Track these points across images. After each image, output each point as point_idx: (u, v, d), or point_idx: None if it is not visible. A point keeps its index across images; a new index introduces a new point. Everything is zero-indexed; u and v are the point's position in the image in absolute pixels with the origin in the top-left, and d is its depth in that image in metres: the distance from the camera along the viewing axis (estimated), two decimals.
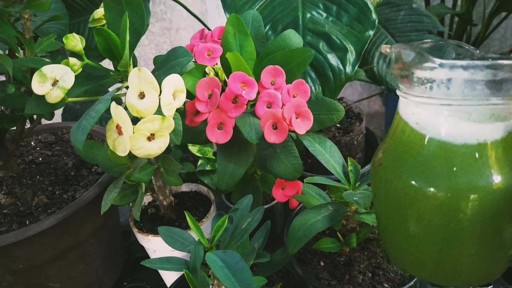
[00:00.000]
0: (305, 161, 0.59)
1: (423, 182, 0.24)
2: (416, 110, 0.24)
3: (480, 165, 0.22)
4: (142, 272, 0.55)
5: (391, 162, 0.26)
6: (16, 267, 0.40)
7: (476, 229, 0.23)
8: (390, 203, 0.27)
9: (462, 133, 0.23)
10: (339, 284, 0.38)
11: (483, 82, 0.21)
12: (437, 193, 0.23)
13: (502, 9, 0.86)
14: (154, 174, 0.41)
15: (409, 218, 0.25)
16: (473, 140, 0.23)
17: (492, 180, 0.22)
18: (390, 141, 0.27)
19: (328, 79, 0.47)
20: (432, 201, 0.23)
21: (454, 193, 0.23)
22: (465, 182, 0.22)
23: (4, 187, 0.46)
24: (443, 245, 0.24)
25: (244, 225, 0.33)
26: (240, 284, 0.26)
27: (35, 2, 0.35)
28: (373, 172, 0.28)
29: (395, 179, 0.25)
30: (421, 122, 0.24)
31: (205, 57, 0.37)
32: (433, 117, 0.23)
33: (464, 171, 0.22)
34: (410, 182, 0.24)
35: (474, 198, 0.22)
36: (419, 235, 0.25)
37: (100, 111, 0.27)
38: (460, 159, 0.23)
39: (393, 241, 0.28)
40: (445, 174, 0.23)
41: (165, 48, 1.14)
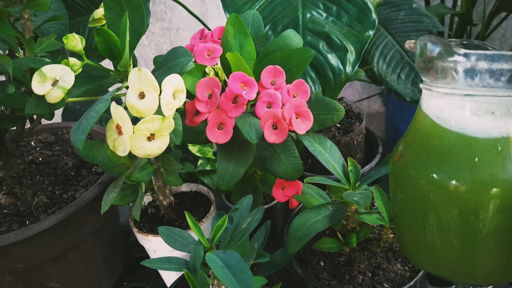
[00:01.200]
0: (305, 161, 0.59)
1: (444, 175, 0.23)
2: (439, 103, 0.24)
3: (502, 159, 0.22)
4: (142, 272, 0.55)
5: (412, 155, 0.26)
6: (16, 267, 0.40)
7: (497, 224, 0.23)
8: (410, 197, 0.26)
9: (485, 127, 0.23)
10: (339, 284, 0.38)
11: (508, 74, 0.21)
12: (458, 186, 0.23)
13: (502, 9, 0.86)
14: (154, 174, 0.41)
15: (429, 212, 0.25)
16: (496, 134, 0.22)
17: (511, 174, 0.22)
18: (411, 135, 0.27)
19: (328, 79, 0.47)
20: (453, 195, 0.23)
21: (476, 187, 0.22)
22: (487, 175, 0.22)
23: (4, 187, 0.46)
24: (463, 240, 0.24)
25: (244, 225, 0.33)
26: (240, 284, 0.26)
27: (35, 2, 0.35)
28: (392, 166, 0.28)
29: (416, 172, 0.25)
30: (443, 115, 0.24)
31: (205, 57, 0.37)
32: (456, 111, 0.23)
33: (486, 164, 0.22)
34: (431, 175, 0.24)
35: (495, 191, 0.22)
36: (439, 230, 0.25)
37: (100, 111, 0.27)
38: (482, 153, 0.23)
39: (411, 237, 0.28)
40: (466, 167, 0.23)
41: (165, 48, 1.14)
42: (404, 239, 0.29)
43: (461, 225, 0.24)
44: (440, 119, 0.24)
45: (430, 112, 0.25)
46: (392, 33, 0.67)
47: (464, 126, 0.23)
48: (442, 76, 0.23)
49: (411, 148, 0.26)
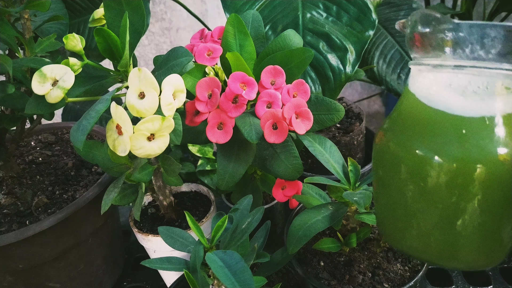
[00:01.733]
0: (305, 161, 0.59)
1: (428, 150, 0.23)
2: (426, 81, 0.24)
3: (488, 137, 0.22)
4: (142, 272, 0.55)
5: (395, 132, 0.26)
6: (16, 267, 0.40)
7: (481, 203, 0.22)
8: (392, 176, 0.26)
9: (472, 107, 0.22)
10: (339, 284, 0.38)
11: (498, 46, 0.21)
12: (442, 163, 0.22)
13: (502, 9, 0.86)
14: (154, 174, 0.41)
15: (411, 191, 0.24)
16: (483, 113, 0.22)
17: (501, 152, 0.22)
18: (396, 113, 0.26)
19: (328, 79, 0.47)
20: (436, 171, 0.23)
21: (460, 163, 0.22)
22: (471, 153, 0.22)
23: (4, 187, 0.46)
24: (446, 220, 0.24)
25: (244, 225, 0.33)
26: (240, 284, 0.26)
27: (35, 2, 0.36)
28: (375, 144, 0.28)
29: (398, 148, 0.25)
30: (429, 95, 0.24)
31: (205, 57, 0.37)
32: (443, 90, 0.23)
33: (471, 142, 0.22)
34: (415, 150, 0.24)
35: (480, 169, 0.22)
36: (421, 209, 0.24)
37: (100, 111, 0.27)
38: (467, 131, 0.22)
39: (390, 217, 0.27)
40: (451, 144, 0.22)
41: (165, 48, 1.14)
42: (384, 220, 0.29)
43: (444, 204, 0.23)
44: (426, 99, 0.24)
45: (416, 91, 0.25)
46: (392, 33, 0.67)
47: (451, 106, 0.23)
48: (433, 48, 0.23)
49: (395, 125, 0.26)
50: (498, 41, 0.21)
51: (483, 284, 0.49)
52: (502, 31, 0.21)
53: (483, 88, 0.22)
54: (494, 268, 0.51)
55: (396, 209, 0.26)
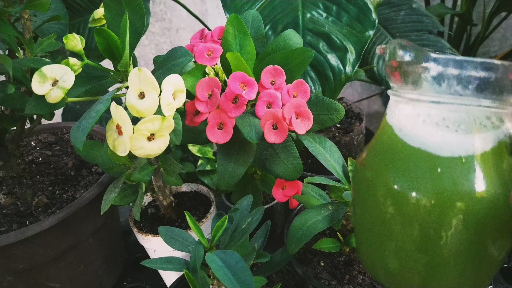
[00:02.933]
0: (305, 161, 0.59)
1: (405, 186, 0.23)
2: (403, 114, 0.24)
3: (466, 175, 0.22)
4: (142, 272, 0.55)
5: (374, 163, 0.25)
6: (16, 267, 0.40)
7: (458, 239, 0.22)
8: (371, 206, 0.25)
9: (449, 144, 0.22)
10: (339, 284, 0.38)
11: (476, 82, 0.20)
12: (419, 198, 0.22)
13: (502, 9, 0.86)
14: (154, 174, 0.41)
15: (389, 223, 0.24)
16: (461, 152, 0.22)
17: (478, 189, 0.21)
18: (375, 143, 0.26)
19: (328, 79, 0.47)
20: (414, 207, 0.22)
21: (437, 200, 0.22)
22: (449, 190, 0.22)
23: (4, 187, 0.46)
24: (424, 254, 0.23)
25: (244, 225, 0.33)
26: (240, 284, 0.26)
27: (35, 2, 0.35)
28: (355, 172, 0.27)
29: (377, 181, 0.24)
30: (406, 129, 0.23)
31: (205, 57, 0.37)
32: (419, 126, 0.23)
33: (448, 178, 0.22)
34: (392, 185, 0.23)
35: (457, 206, 0.21)
36: (399, 242, 0.24)
37: (100, 111, 0.27)
38: (445, 169, 0.22)
39: (369, 248, 0.27)
40: (428, 179, 0.22)
41: (165, 48, 1.14)
42: (363, 251, 0.28)
43: (422, 239, 0.23)
44: (402, 133, 0.24)
45: (394, 124, 0.24)
46: (392, 33, 0.67)
47: (427, 143, 0.22)
48: (410, 81, 0.22)
49: (374, 157, 0.26)
50: (475, 76, 0.20)
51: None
52: (480, 67, 0.20)
53: (460, 124, 0.22)
54: None
55: (374, 240, 0.26)
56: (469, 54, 0.98)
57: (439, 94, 0.21)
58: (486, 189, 0.21)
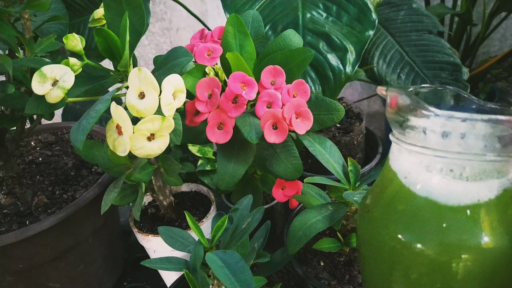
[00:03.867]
0: (305, 161, 0.59)
1: (411, 236, 0.22)
2: (407, 162, 0.23)
3: (471, 225, 0.21)
4: (142, 272, 0.55)
5: (379, 211, 0.25)
6: (16, 267, 0.40)
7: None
8: (376, 253, 0.25)
9: (454, 193, 0.21)
10: (339, 284, 0.38)
11: (480, 137, 0.20)
12: (424, 250, 0.22)
13: (502, 9, 0.86)
14: (154, 174, 0.41)
15: (394, 272, 0.24)
16: (466, 200, 0.21)
17: (484, 240, 0.21)
18: (378, 190, 0.26)
19: (328, 79, 0.47)
20: (419, 258, 0.22)
21: (442, 252, 0.21)
22: (455, 240, 0.21)
23: (4, 187, 0.46)
24: None
25: (244, 225, 0.33)
26: (240, 284, 0.26)
27: (35, 2, 0.35)
28: (361, 218, 0.27)
29: (382, 229, 0.24)
30: (411, 177, 0.23)
31: (205, 57, 0.37)
32: (424, 174, 0.22)
33: (454, 230, 0.21)
34: (397, 235, 0.23)
35: (463, 257, 0.21)
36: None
37: (100, 111, 0.27)
38: (450, 218, 0.21)
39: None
40: (433, 231, 0.22)
41: (165, 48, 1.14)
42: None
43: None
44: (407, 180, 0.23)
45: (398, 170, 0.24)
46: (392, 33, 0.67)
47: (432, 191, 0.22)
48: (412, 132, 0.22)
49: (378, 204, 0.25)
50: (479, 134, 0.20)
51: None
52: (483, 124, 0.20)
53: (465, 175, 0.21)
54: None
55: (380, 284, 0.26)
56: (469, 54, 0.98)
57: (443, 149, 0.21)
58: (493, 239, 0.21)
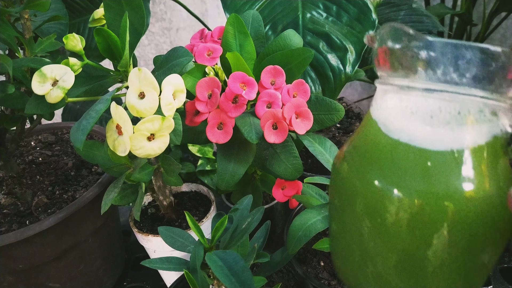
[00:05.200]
0: (305, 161, 0.59)
1: (388, 183, 0.21)
2: (389, 109, 0.22)
3: (455, 173, 0.20)
4: (142, 272, 0.55)
5: (354, 158, 0.23)
6: (16, 267, 0.40)
7: (445, 243, 0.20)
8: (347, 207, 0.23)
9: (440, 138, 0.20)
10: (339, 284, 0.38)
11: (474, 69, 0.19)
12: (402, 198, 0.20)
13: (502, 9, 0.86)
14: (154, 174, 0.41)
15: (367, 227, 0.22)
16: (453, 145, 0.20)
17: (467, 188, 0.20)
18: (356, 137, 0.24)
19: (328, 79, 0.47)
20: (395, 206, 0.20)
21: (422, 200, 0.20)
22: (435, 189, 0.20)
23: (4, 187, 0.46)
24: (405, 261, 0.21)
25: (244, 225, 0.33)
26: (240, 284, 0.26)
27: (35, 2, 0.35)
28: (333, 168, 0.25)
29: (356, 177, 0.22)
30: (392, 125, 0.21)
31: (205, 57, 0.37)
32: (407, 119, 0.21)
33: (435, 178, 0.20)
34: (372, 182, 0.21)
35: (444, 207, 0.19)
36: (378, 248, 0.22)
37: (100, 111, 0.27)
38: (433, 165, 0.20)
39: (345, 256, 0.25)
40: (413, 178, 0.20)
41: (165, 48, 1.14)
42: (337, 255, 0.26)
43: (403, 242, 0.21)
44: (387, 128, 0.21)
45: (378, 118, 0.22)
46: None
47: (415, 137, 0.20)
48: (402, 67, 0.20)
49: (354, 149, 0.24)
50: (473, 63, 0.19)
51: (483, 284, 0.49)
52: (478, 53, 0.18)
53: (453, 116, 0.20)
54: (494, 268, 0.51)
55: (350, 245, 0.24)
56: None
57: (433, 82, 0.20)
58: (478, 187, 0.20)
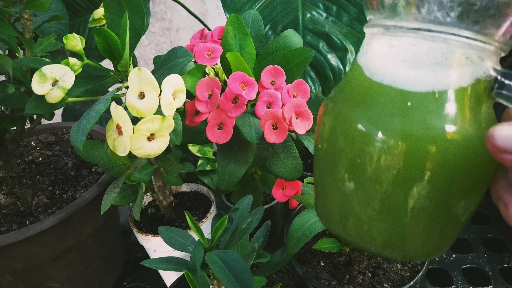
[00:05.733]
0: (305, 161, 0.59)
1: (370, 125, 0.20)
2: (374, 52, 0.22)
3: (437, 113, 0.20)
4: (142, 272, 0.55)
5: (337, 102, 0.23)
6: (16, 267, 0.40)
7: (426, 185, 0.20)
8: (330, 151, 0.23)
9: (423, 79, 0.20)
10: (339, 284, 0.38)
11: (458, 8, 0.18)
12: (384, 139, 0.20)
13: None
14: (154, 174, 0.41)
15: (350, 169, 0.22)
16: (435, 86, 0.20)
17: (449, 130, 0.19)
18: (342, 83, 0.24)
19: (328, 79, 0.47)
20: (377, 148, 0.20)
21: (403, 140, 0.20)
22: (417, 130, 0.19)
23: (4, 187, 0.46)
24: (388, 205, 0.21)
25: (244, 225, 0.33)
26: (240, 284, 0.26)
27: (35, 2, 0.35)
28: (320, 112, 0.25)
29: (339, 120, 0.22)
30: (375, 68, 0.21)
31: (205, 57, 0.37)
32: (391, 62, 0.21)
33: (417, 118, 0.20)
34: (355, 124, 0.21)
35: (425, 148, 0.19)
36: (360, 191, 0.22)
37: (100, 111, 0.27)
38: (414, 106, 0.20)
39: (328, 200, 0.25)
40: (395, 119, 0.20)
41: (165, 48, 1.14)
42: (320, 199, 0.26)
43: (385, 185, 0.21)
44: (370, 71, 0.22)
45: (363, 63, 0.22)
46: None
47: (397, 79, 0.20)
48: (388, 7, 0.20)
49: (339, 95, 0.24)
50: (457, 2, 0.18)
51: (483, 284, 0.49)
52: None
53: (436, 57, 0.20)
54: (494, 268, 0.51)
55: (333, 189, 0.24)
56: None
57: (418, 22, 0.20)
58: (460, 129, 0.19)
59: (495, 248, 0.54)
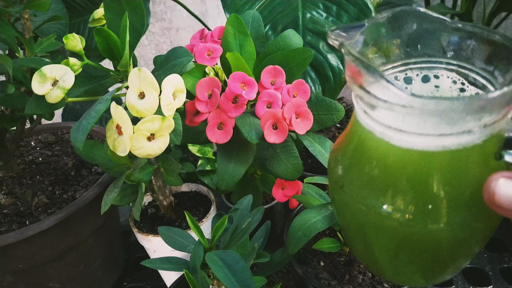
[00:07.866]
0: (305, 161, 0.59)
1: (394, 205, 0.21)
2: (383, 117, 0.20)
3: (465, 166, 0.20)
4: (142, 272, 0.55)
5: (354, 186, 0.23)
6: (16, 267, 0.40)
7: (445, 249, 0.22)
8: (358, 226, 0.24)
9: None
10: (339, 284, 0.38)
11: (433, 120, 0.18)
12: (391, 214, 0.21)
13: (502, 9, 0.86)
14: (154, 174, 0.41)
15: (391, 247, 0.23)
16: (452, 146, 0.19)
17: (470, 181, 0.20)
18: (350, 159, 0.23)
19: (328, 79, 0.47)
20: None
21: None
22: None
23: (4, 187, 0.46)
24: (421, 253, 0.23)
25: (244, 225, 0.33)
26: (240, 284, 0.26)
27: (35, 2, 0.36)
28: (332, 193, 0.25)
29: (361, 205, 0.22)
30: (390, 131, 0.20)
31: (205, 57, 0.37)
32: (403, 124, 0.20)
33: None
34: (380, 209, 0.21)
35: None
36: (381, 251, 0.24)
37: (100, 111, 0.27)
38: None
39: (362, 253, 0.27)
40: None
41: (165, 48, 1.14)
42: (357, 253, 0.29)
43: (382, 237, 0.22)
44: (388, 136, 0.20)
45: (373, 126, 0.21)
46: None
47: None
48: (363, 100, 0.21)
49: (352, 177, 0.23)
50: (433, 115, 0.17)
51: (483, 284, 0.49)
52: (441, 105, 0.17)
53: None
54: (494, 268, 0.51)
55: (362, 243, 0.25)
56: None
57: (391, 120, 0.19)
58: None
59: (495, 248, 0.54)
